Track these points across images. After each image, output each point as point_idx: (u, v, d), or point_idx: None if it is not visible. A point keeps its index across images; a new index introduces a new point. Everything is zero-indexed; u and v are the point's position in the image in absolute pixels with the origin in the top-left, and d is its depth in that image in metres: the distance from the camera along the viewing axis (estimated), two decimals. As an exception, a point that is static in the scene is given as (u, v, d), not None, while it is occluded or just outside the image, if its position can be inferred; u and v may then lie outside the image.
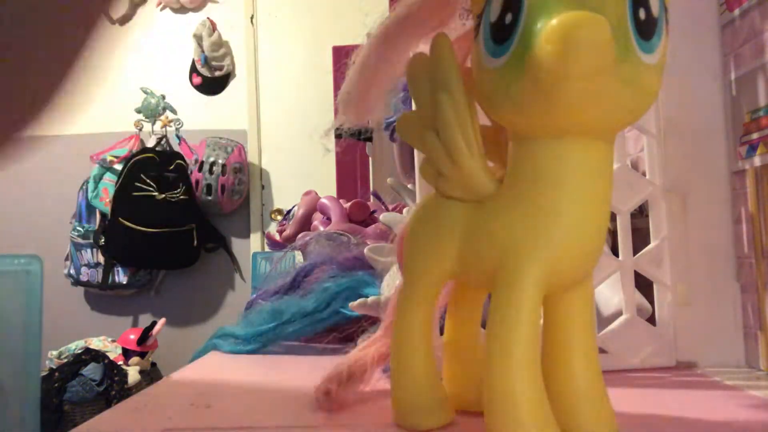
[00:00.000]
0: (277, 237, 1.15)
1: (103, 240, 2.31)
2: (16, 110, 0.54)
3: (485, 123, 0.32)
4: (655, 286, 0.52)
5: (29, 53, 0.54)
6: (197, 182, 2.30)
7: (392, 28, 0.34)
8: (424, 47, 0.34)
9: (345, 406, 0.40)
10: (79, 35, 0.54)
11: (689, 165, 0.52)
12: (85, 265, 2.37)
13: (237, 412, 0.42)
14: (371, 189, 1.34)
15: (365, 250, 0.58)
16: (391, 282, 0.55)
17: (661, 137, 0.52)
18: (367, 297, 0.52)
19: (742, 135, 0.50)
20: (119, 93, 2.47)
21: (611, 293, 0.55)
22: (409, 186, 0.66)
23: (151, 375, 2.11)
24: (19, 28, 0.52)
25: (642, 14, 0.26)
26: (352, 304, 0.51)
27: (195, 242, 2.32)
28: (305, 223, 1.04)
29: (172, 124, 2.41)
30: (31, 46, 0.54)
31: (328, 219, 0.95)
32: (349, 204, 0.96)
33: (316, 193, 1.08)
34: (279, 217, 2.36)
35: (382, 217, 0.60)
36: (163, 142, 2.35)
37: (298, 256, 0.83)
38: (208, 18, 2.53)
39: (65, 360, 2.09)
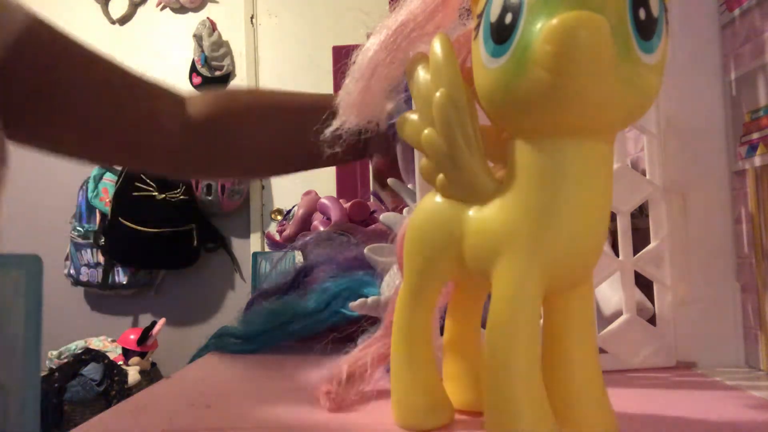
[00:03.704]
0: (277, 237, 1.15)
1: (103, 240, 2.31)
2: None
3: (485, 123, 0.32)
4: (655, 286, 0.52)
5: None
6: (197, 182, 2.30)
7: (393, 28, 0.34)
8: (424, 47, 0.34)
9: (345, 406, 0.40)
10: None
11: (689, 165, 0.52)
12: (85, 265, 2.37)
13: (237, 412, 0.42)
14: (371, 189, 1.34)
15: (365, 250, 0.58)
16: (391, 282, 0.54)
17: (661, 137, 0.52)
18: (367, 297, 0.52)
19: (742, 135, 0.50)
20: (119, 93, 2.46)
21: (611, 293, 0.55)
22: (410, 186, 0.66)
23: (151, 375, 2.12)
24: None
25: (642, 14, 0.26)
26: (353, 304, 0.51)
27: (195, 242, 2.32)
28: (305, 223, 1.04)
29: (172, 124, 2.40)
30: None
31: (328, 219, 0.95)
32: (349, 204, 0.96)
33: (316, 193, 1.08)
34: (279, 217, 2.36)
35: (382, 217, 0.59)
36: (163, 142, 2.35)
37: (298, 256, 0.83)
38: (208, 18, 2.53)
39: (65, 360, 2.09)
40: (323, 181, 2.13)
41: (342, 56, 0.38)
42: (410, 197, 0.61)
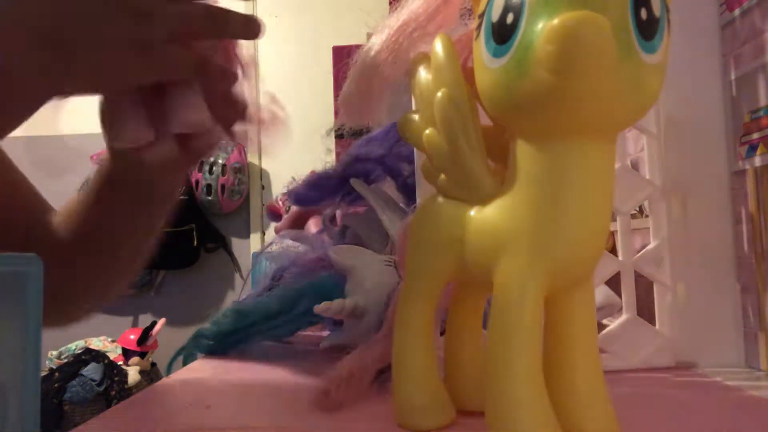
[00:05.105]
0: (282, 210, 1.15)
1: (102, 240, 2.30)
2: None
3: (486, 123, 0.32)
4: (655, 286, 0.52)
5: None
6: (197, 182, 2.30)
7: (395, 28, 0.34)
8: (425, 47, 0.34)
9: (345, 406, 0.40)
10: None
11: (689, 165, 0.52)
12: (85, 265, 2.36)
13: (237, 412, 0.42)
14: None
15: (329, 252, 0.58)
16: (354, 285, 0.54)
17: (661, 137, 0.52)
18: (331, 300, 0.51)
19: (742, 135, 0.50)
20: (119, 93, 2.46)
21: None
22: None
23: (151, 375, 2.12)
24: None
25: (644, 14, 0.26)
26: (317, 307, 0.50)
27: (195, 242, 2.32)
28: (298, 221, 1.04)
29: (171, 124, 2.40)
30: None
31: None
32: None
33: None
34: (279, 217, 2.35)
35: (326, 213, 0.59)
36: (162, 142, 2.35)
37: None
38: (208, 18, 2.51)
39: (65, 360, 2.09)
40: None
41: (342, 56, 0.38)
42: (372, 197, 0.61)
